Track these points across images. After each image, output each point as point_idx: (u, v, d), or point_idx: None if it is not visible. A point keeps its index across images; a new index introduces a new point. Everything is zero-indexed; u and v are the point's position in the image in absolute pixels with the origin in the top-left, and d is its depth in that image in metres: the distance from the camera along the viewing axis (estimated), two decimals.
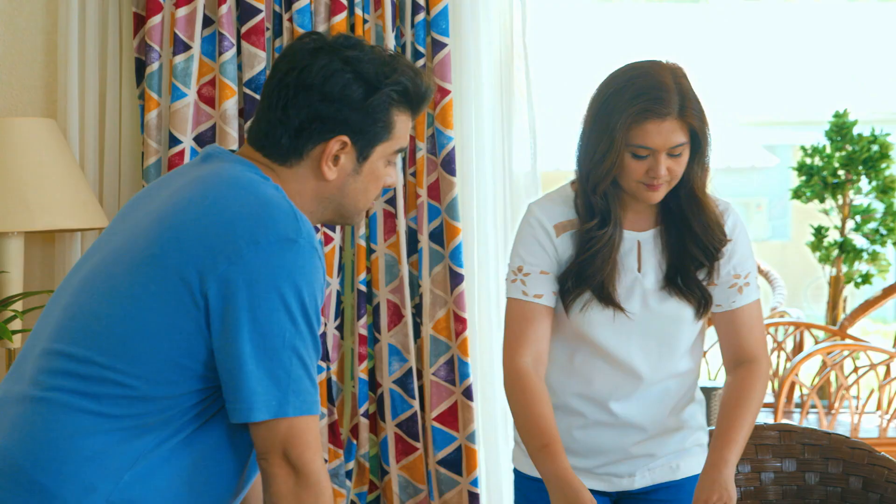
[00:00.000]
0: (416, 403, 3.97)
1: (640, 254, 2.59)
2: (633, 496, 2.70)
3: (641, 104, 2.43)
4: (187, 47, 3.86)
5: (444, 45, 3.92)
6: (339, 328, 4.01)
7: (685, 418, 2.71)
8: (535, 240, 2.58)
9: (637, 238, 2.59)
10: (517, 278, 2.59)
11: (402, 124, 2.10)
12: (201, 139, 3.91)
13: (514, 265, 2.60)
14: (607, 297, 2.55)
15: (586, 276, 2.54)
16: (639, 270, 2.58)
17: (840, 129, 5.63)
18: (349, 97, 2.03)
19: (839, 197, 5.66)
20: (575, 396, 2.64)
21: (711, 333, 3.32)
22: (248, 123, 3.82)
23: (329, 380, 3.97)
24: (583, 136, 2.55)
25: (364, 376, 3.99)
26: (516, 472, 2.76)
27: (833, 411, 4.97)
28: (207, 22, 3.91)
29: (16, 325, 3.65)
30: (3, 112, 3.99)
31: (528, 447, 2.51)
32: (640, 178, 2.48)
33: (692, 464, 2.71)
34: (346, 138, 2.05)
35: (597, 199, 2.53)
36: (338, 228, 3.93)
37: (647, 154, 2.45)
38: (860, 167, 5.55)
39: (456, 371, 3.92)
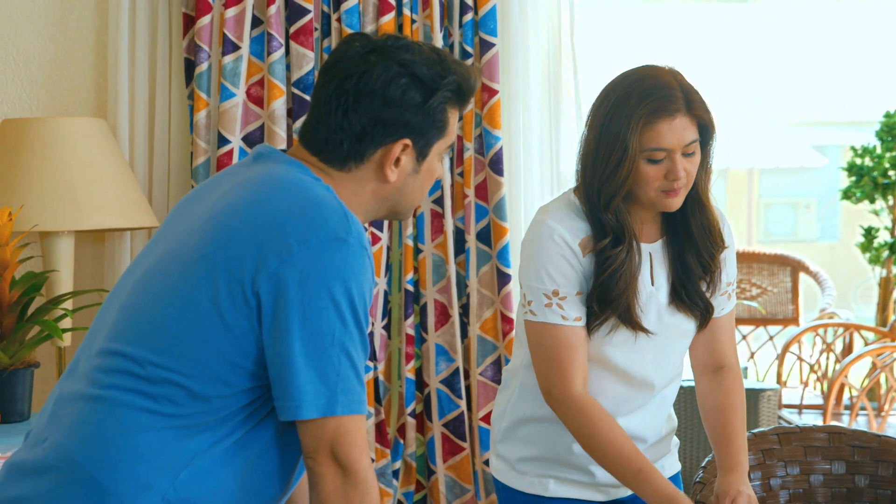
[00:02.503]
0: (462, 403, 3.97)
1: (652, 266, 2.53)
2: (625, 501, 2.66)
3: (649, 105, 2.38)
4: (236, 47, 3.88)
5: (492, 45, 3.92)
6: (387, 328, 4.02)
7: (672, 423, 2.71)
8: (563, 259, 2.46)
9: (649, 250, 2.54)
10: (552, 302, 2.46)
11: (453, 119, 2.13)
12: (250, 139, 3.93)
13: (547, 288, 2.46)
14: (633, 321, 2.48)
15: (611, 300, 2.45)
16: (652, 284, 2.52)
17: (891, 130, 5.58)
18: (409, 101, 2.05)
19: (889, 197, 5.61)
20: None
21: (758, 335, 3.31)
22: (298, 125, 3.86)
23: (376, 379, 3.98)
24: (589, 153, 2.46)
25: (411, 376, 3.99)
26: (501, 484, 2.68)
27: (883, 413, 4.93)
28: (256, 22, 3.93)
29: (66, 323, 3.68)
30: (53, 112, 4.03)
31: (618, 476, 2.45)
32: (659, 184, 2.42)
33: (674, 462, 2.74)
34: (408, 141, 2.07)
35: (608, 216, 2.45)
36: (385, 228, 3.94)
37: (662, 157, 2.40)
38: None
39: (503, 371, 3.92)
